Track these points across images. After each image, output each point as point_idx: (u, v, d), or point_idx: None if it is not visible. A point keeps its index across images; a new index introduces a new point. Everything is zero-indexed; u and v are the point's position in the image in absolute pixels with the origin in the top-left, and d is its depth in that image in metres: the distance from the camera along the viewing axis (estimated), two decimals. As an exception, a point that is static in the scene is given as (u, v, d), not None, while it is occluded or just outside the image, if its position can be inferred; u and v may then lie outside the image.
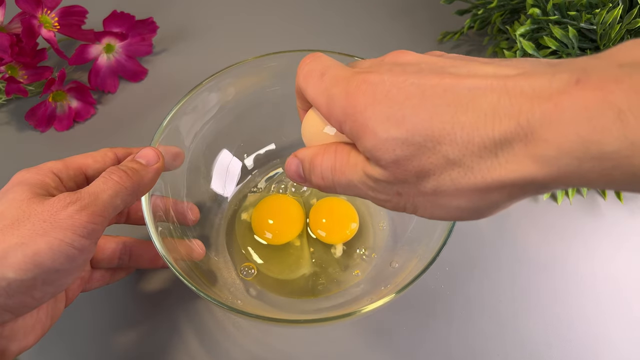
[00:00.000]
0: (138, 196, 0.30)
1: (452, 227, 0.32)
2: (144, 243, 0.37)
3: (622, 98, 0.17)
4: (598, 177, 0.18)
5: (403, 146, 0.21)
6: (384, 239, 0.41)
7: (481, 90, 0.20)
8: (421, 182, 0.22)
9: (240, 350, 0.38)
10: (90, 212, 0.27)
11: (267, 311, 0.37)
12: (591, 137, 0.17)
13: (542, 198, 0.45)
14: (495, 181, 0.20)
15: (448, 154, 0.20)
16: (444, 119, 0.20)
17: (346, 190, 0.25)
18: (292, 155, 0.28)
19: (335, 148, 0.25)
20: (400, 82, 0.22)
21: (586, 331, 0.39)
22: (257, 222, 0.41)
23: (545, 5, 0.43)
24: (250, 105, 0.42)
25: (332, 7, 0.61)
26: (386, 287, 0.35)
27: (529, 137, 0.18)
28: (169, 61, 0.56)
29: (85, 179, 0.33)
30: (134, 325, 0.39)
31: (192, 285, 0.31)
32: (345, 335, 0.38)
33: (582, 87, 0.17)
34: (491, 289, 0.40)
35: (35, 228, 0.26)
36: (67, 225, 0.26)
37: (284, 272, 0.39)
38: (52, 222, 0.26)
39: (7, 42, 0.48)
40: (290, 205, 0.42)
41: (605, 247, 0.43)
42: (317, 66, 0.25)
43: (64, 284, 0.28)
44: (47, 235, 0.26)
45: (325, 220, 0.41)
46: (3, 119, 0.51)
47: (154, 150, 0.32)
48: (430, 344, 0.38)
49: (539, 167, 0.19)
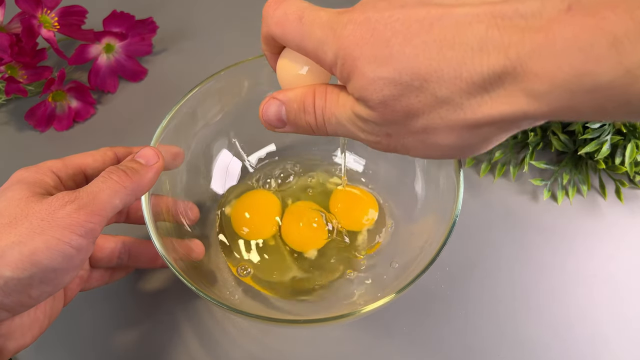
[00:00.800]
0: (137, 196, 0.30)
1: (452, 227, 0.32)
2: (143, 242, 0.37)
3: (617, 23, 0.16)
4: (591, 110, 0.17)
5: (390, 86, 0.20)
6: (384, 239, 0.41)
7: (468, 21, 0.19)
8: (410, 122, 0.21)
9: (240, 350, 0.38)
10: (89, 211, 0.27)
11: (266, 311, 0.37)
12: (584, 67, 0.16)
13: (542, 198, 0.45)
14: (486, 116, 0.19)
15: (436, 91, 0.20)
16: (430, 55, 0.19)
17: (336, 130, 0.25)
18: (269, 97, 0.27)
19: (325, 89, 0.25)
20: (386, 18, 0.21)
21: (585, 331, 0.39)
22: (235, 216, 0.41)
23: None
24: (250, 105, 0.42)
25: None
26: (386, 287, 0.35)
27: (519, 70, 0.18)
28: (169, 61, 0.56)
29: (85, 178, 0.33)
30: (134, 325, 0.39)
31: (192, 285, 0.31)
32: (345, 336, 0.38)
33: (574, 14, 0.17)
34: (491, 289, 0.40)
35: (33, 227, 0.26)
36: (65, 224, 0.26)
37: (274, 274, 0.39)
38: (50, 221, 0.26)
39: (7, 42, 0.48)
40: (269, 201, 0.42)
41: (605, 247, 0.43)
42: (290, 9, 0.24)
43: (61, 283, 0.28)
44: (45, 234, 0.26)
45: (302, 224, 0.40)
46: (3, 118, 0.51)
47: (153, 150, 0.32)
48: (430, 344, 0.38)
49: (530, 101, 0.18)
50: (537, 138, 0.45)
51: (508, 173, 0.46)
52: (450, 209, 0.33)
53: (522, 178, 0.46)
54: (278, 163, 0.44)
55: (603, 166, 0.43)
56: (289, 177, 0.44)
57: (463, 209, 0.34)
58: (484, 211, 0.44)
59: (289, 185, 0.43)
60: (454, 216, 0.33)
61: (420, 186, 0.40)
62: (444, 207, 0.35)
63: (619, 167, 0.42)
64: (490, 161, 0.46)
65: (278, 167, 0.44)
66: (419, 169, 0.40)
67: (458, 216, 0.33)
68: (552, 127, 0.45)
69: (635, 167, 0.43)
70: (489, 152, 0.46)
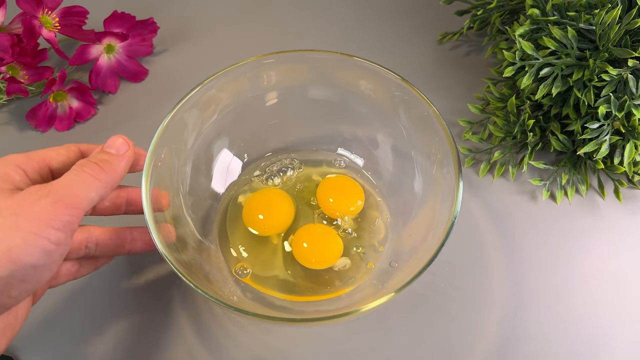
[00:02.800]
0: (112, 187, 0.29)
1: (451, 227, 0.32)
2: (110, 231, 0.35)
3: None
4: None
5: None
6: (384, 239, 0.41)
7: None
8: None
9: (240, 349, 0.38)
10: (65, 204, 0.26)
11: (266, 310, 0.37)
12: None
13: (541, 198, 0.45)
14: None
15: None
16: None
17: None
18: None
19: None
20: None
21: (585, 331, 0.39)
22: (251, 206, 0.41)
23: (545, 5, 0.43)
24: (250, 105, 0.42)
25: (332, 8, 0.61)
26: (385, 286, 0.35)
27: None
28: (169, 61, 0.56)
29: (50, 172, 0.32)
30: (133, 324, 0.39)
31: (192, 283, 0.31)
32: (345, 335, 0.39)
33: None
34: (490, 288, 0.40)
35: (7, 223, 0.25)
36: (41, 218, 0.25)
37: (273, 272, 0.39)
38: (25, 216, 0.25)
39: (8, 42, 0.48)
40: (285, 202, 0.42)
41: (604, 247, 0.43)
42: None
43: (41, 281, 0.27)
44: (21, 229, 0.25)
45: (307, 244, 0.40)
46: (3, 119, 0.51)
47: (121, 138, 0.31)
48: (430, 344, 0.38)
49: None
50: (536, 138, 0.45)
51: (507, 173, 0.46)
52: (449, 209, 0.34)
53: (521, 178, 0.46)
54: (278, 160, 0.45)
55: (602, 166, 0.43)
56: (287, 172, 0.44)
57: (462, 209, 0.34)
58: (483, 211, 0.44)
59: (289, 180, 0.44)
60: (453, 216, 0.33)
61: (419, 186, 0.40)
62: (443, 207, 0.35)
63: (617, 167, 0.42)
64: (489, 161, 0.46)
65: (278, 164, 0.44)
66: (418, 169, 0.40)
67: (457, 216, 0.33)
68: (551, 127, 0.45)
69: (634, 167, 0.43)
70: (488, 152, 0.47)
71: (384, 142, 0.43)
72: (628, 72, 0.39)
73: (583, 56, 0.41)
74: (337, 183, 0.43)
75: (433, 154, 0.38)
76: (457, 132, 0.49)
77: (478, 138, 0.47)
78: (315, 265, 0.39)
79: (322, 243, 0.40)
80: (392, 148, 0.43)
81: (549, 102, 0.44)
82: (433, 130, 0.37)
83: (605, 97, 0.40)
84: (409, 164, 0.41)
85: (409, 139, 0.41)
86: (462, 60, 0.55)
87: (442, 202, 0.36)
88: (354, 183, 0.43)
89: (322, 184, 0.43)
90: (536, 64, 0.42)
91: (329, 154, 0.45)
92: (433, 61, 0.55)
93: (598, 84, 0.40)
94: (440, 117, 0.37)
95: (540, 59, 0.42)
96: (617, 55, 0.40)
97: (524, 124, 0.45)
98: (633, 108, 0.39)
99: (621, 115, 0.40)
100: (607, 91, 0.40)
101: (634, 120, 0.40)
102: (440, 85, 0.53)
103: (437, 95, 0.50)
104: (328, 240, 0.40)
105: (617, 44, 0.40)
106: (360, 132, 0.44)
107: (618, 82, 0.40)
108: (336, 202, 0.41)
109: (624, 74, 0.39)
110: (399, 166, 0.42)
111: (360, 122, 0.43)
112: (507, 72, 0.44)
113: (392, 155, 0.43)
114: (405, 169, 0.41)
